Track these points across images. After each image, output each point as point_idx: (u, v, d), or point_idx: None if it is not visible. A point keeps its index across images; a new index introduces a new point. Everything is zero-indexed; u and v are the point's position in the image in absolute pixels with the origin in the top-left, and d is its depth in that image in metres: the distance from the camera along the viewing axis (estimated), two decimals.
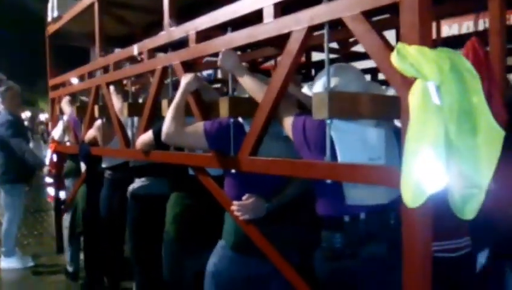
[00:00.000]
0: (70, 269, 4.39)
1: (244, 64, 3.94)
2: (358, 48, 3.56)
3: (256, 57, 4.25)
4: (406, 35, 1.36)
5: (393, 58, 1.35)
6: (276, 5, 1.86)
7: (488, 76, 1.64)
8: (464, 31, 6.03)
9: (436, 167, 1.26)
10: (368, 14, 1.51)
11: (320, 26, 1.68)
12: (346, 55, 3.76)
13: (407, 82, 1.34)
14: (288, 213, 2.13)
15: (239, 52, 4.13)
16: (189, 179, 2.56)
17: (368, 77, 3.64)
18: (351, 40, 3.65)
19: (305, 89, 2.25)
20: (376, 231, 1.68)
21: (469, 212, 1.35)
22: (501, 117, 1.63)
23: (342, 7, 1.56)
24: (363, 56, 3.52)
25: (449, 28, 6.24)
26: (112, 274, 3.90)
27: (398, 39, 1.52)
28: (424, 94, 1.28)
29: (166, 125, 2.27)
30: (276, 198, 2.11)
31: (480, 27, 2.47)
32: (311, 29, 1.71)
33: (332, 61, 1.70)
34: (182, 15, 2.56)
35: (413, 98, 1.30)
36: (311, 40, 1.77)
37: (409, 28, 1.35)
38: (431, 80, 1.29)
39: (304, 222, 2.06)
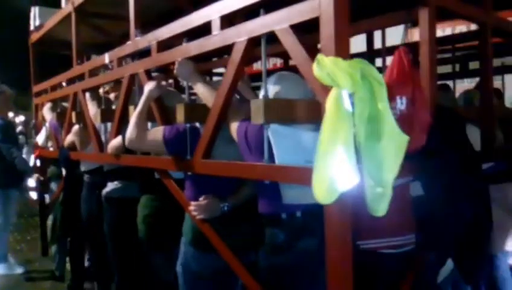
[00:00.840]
0: (56, 272, 4.51)
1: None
2: None
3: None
4: (325, 46, 1.49)
5: (314, 67, 1.48)
6: (222, 18, 1.99)
7: (413, 83, 1.77)
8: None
9: (347, 167, 1.39)
10: (295, 28, 1.64)
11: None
12: None
13: (326, 90, 1.46)
14: (244, 213, 2.24)
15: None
16: (158, 181, 2.68)
17: None
18: None
19: None
20: (310, 227, 1.80)
21: (380, 209, 1.48)
22: (424, 120, 1.76)
23: (274, 21, 1.69)
24: None
25: (442, 32, 6.39)
26: (98, 275, 3.98)
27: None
28: (337, 101, 1.41)
29: (129, 131, 2.40)
30: (232, 199, 2.23)
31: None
32: (252, 40, 1.84)
33: None
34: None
35: (328, 104, 1.43)
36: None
37: (327, 40, 1.49)
38: (344, 88, 1.42)
39: (260, 221, 2.19)
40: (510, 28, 2.46)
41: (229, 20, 2.02)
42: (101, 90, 3.60)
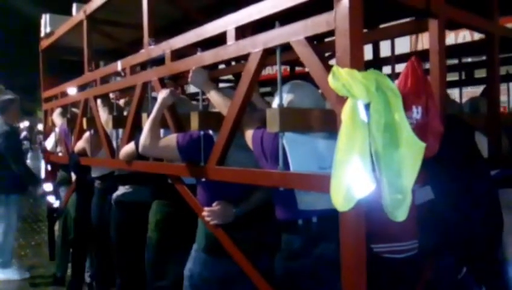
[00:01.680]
0: (58, 274, 4.56)
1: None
2: None
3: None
4: (340, 58, 1.54)
5: (329, 79, 1.53)
6: (237, 29, 2.05)
7: (426, 92, 1.82)
8: (459, 40, 6.28)
9: (363, 175, 1.44)
10: (311, 39, 1.69)
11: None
12: None
13: (341, 100, 1.52)
14: (257, 218, 2.29)
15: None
16: (170, 187, 2.73)
17: None
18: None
19: None
20: (326, 232, 1.85)
21: (400, 215, 1.53)
22: (437, 129, 1.81)
23: (289, 33, 1.75)
24: None
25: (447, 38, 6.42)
26: (102, 279, 4.04)
27: None
28: (353, 111, 1.46)
29: (143, 138, 2.45)
30: (244, 204, 2.28)
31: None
32: (267, 51, 1.89)
33: None
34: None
35: (344, 114, 1.48)
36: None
37: (342, 52, 1.54)
38: (360, 99, 1.47)
39: (272, 226, 2.24)
40: None
41: (241, 31, 2.08)
42: (112, 96, 3.66)
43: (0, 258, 4.79)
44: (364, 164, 1.44)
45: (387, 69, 3.10)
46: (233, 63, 4.52)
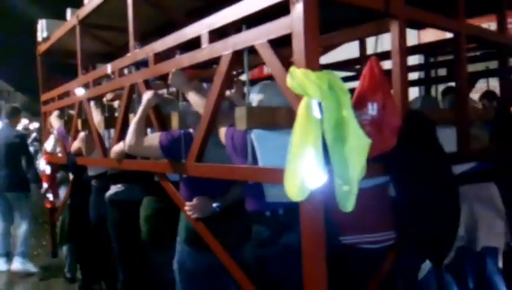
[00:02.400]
0: (68, 275, 4.71)
1: None
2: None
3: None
4: (296, 60, 1.66)
5: (287, 79, 1.65)
6: (211, 32, 2.17)
7: (383, 90, 1.94)
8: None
9: (316, 167, 1.56)
10: (273, 42, 1.81)
11: None
12: None
13: (298, 98, 1.63)
14: (235, 212, 2.41)
15: None
16: (158, 184, 2.86)
17: None
18: None
19: None
20: (292, 223, 1.96)
21: (348, 206, 1.65)
22: (394, 124, 1.93)
23: (254, 36, 1.87)
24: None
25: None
26: (106, 276, 4.17)
27: None
28: (307, 108, 1.58)
29: (128, 138, 2.58)
30: (223, 199, 2.41)
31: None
32: (236, 53, 2.01)
33: None
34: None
35: (299, 111, 1.60)
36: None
37: (298, 54, 1.66)
38: (313, 97, 1.59)
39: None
40: (483, 35, 2.62)
41: (221, 33, 2.19)
42: (105, 98, 3.79)
43: (21, 247, 5.21)
44: (317, 158, 1.56)
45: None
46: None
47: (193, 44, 2.36)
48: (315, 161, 1.55)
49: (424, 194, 1.93)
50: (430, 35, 5.34)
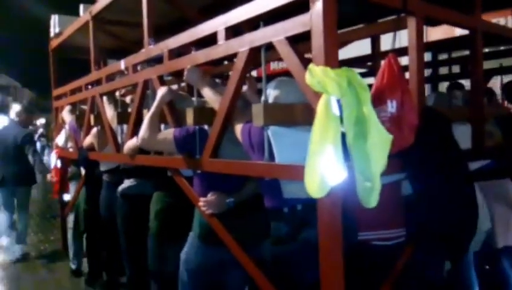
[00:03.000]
0: (73, 266, 4.76)
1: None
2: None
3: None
4: (315, 57, 1.67)
5: (306, 76, 1.66)
6: (227, 29, 2.17)
7: (401, 87, 1.93)
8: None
9: (335, 164, 1.56)
10: (291, 39, 1.81)
11: None
12: None
13: (317, 95, 1.64)
14: (249, 208, 2.43)
15: None
16: (170, 180, 2.88)
17: None
18: None
19: None
20: (310, 219, 1.97)
21: (371, 202, 1.65)
22: (412, 122, 1.92)
23: (272, 33, 1.87)
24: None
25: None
26: (111, 269, 4.23)
27: None
28: (326, 106, 1.59)
29: (142, 133, 2.60)
30: (238, 195, 2.42)
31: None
32: (253, 50, 2.02)
33: None
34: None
35: (318, 109, 1.60)
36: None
37: (317, 51, 1.66)
38: (333, 94, 1.59)
39: (264, 215, 2.36)
40: (499, 31, 2.60)
41: (234, 30, 2.20)
42: (117, 94, 3.82)
43: (19, 237, 5.54)
44: (337, 154, 1.56)
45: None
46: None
47: (207, 41, 2.38)
48: (334, 157, 1.56)
49: (442, 190, 1.93)
50: (438, 32, 5.35)
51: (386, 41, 3.58)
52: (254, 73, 5.36)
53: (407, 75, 2.06)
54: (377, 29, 2.33)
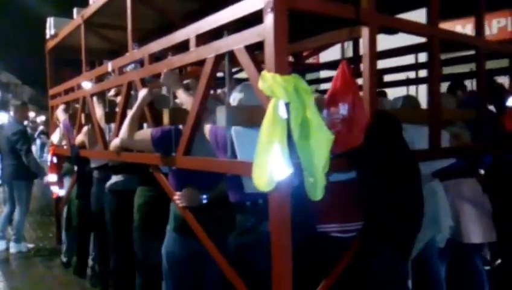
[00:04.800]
0: (64, 259, 4.96)
1: None
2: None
3: None
4: (267, 64, 1.85)
5: (259, 81, 1.84)
6: (197, 37, 2.36)
7: (352, 91, 2.12)
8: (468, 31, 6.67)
9: (282, 161, 1.75)
10: (249, 48, 2.00)
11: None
12: (302, 65, 4.24)
13: (269, 99, 1.82)
14: (221, 204, 2.60)
15: None
16: (153, 175, 3.07)
17: None
18: (305, 54, 4.13)
19: None
20: None
21: (316, 195, 1.84)
22: (362, 123, 2.11)
23: (233, 42, 2.06)
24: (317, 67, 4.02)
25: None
26: (102, 262, 4.40)
27: None
28: (274, 108, 1.77)
29: (122, 132, 2.79)
30: (211, 191, 2.60)
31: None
32: (218, 57, 2.20)
33: None
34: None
35: (267, 111, 1.79)
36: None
37: (269, 58, 1.84)
38: (281, 98, 1.78)
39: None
40: (457, 38, 2.77)
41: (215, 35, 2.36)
42: (111, 93, 4.01)
43: (15, 235, 5.64)
44: (283, 153, 1.75)
45: None
46: None
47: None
48: (281, 155, 1.74)
49: (387, 188, 2.11)
50: None
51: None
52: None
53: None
54: (333, 39, 2.50)
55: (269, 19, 1.83)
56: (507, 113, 3.39)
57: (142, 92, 2.88)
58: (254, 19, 2.00)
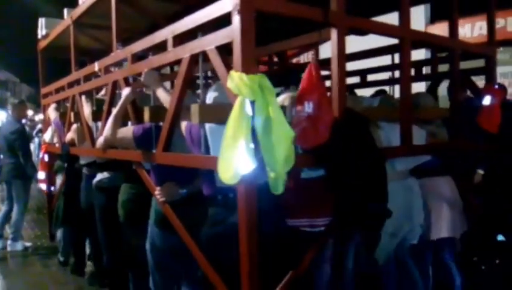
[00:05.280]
0: (61, 258, 5.05)
1: None
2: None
3: None
4: (235, 64, 1.95)
5: (228, 81, 1.94)
6: (174, 38, 2.46)
7: (318, 91, 2.22)
8: (476, 29, 7.02)
9: (246, 157, 1.85)
10: (220, 48, 2.10)
11: None
12: (286, 66, 4.34)
13: (236, 97, 1.92)
14: (199, 198, 2.70)
15: None
16: (136, 172, 3.17)
17: None
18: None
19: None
20: None
21: (278, 189, 1.94)
22: (327, 120, 2.21)
23: (205, 43, 2.16)
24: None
25: (462, 28, 6.92)
26: (96, 259, 4.47)
27: None
28: (240, 106, 1.87)
29: (106, 130, 2.89)
30: (190, 186, 2.70)
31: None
32: (193, 56, 2.30)
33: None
34: None
35: (234, 108, 1.89)
36: None
37: (236, 58, 1.94)
38: (246, 97, 1.88)
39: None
40: (427, 39, 2.87)
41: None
42: (102, 92, 4.10)
43: (12, 233, 5.68)
44: (247, 148, 1.85)
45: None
46: None
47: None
48: (245, 150, 1.84)
49: (352, 183, 2.21)
50: (435, 30, 5.60)
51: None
52: None
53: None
54: (304, 41, 2.60)
55: (236, 20, 1.92)
56: (482, 112, 3.48)
57: (125, 91, 2.98)
58: (228, 21, 2.11)
